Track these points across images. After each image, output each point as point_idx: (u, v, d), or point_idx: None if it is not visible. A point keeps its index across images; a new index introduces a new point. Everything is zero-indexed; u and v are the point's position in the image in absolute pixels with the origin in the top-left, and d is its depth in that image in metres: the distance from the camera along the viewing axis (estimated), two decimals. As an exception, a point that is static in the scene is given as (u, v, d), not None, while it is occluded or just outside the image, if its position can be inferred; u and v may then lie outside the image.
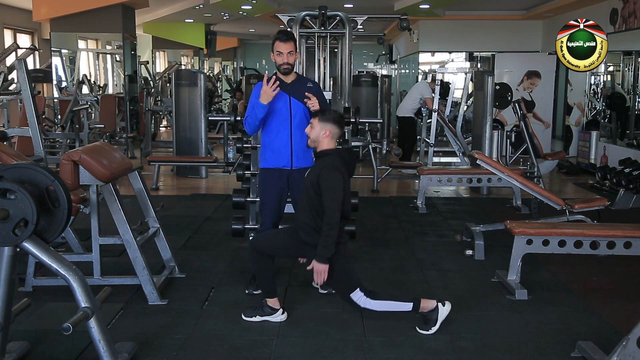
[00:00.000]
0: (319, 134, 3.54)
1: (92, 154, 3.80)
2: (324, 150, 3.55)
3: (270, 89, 3.79)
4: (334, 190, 3.38)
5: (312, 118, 3.61)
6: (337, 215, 3.37)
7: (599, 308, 3.90)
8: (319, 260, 3.38)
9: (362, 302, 3.49)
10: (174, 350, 3.25)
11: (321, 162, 3.52)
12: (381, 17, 12.55)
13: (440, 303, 3.50)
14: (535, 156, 7.65)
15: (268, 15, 13.22)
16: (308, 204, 3.50)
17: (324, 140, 3.55)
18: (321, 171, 3.44)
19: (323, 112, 3.62)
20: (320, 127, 3.53)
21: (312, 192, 3.46)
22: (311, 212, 3.48)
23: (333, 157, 3.49)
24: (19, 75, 5.03)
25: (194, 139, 8.61)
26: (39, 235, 2.70)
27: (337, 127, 3.57)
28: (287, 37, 3.90)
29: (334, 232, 3.36)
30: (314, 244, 3.44)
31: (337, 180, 3.41)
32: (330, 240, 3.36)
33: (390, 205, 7.03)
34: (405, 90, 13.02)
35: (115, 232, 3.94)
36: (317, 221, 3.46)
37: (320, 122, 3.54)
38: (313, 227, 3.48)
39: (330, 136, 3.54)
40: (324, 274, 3.40)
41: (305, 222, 3.51)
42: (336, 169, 3.43)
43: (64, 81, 11.42)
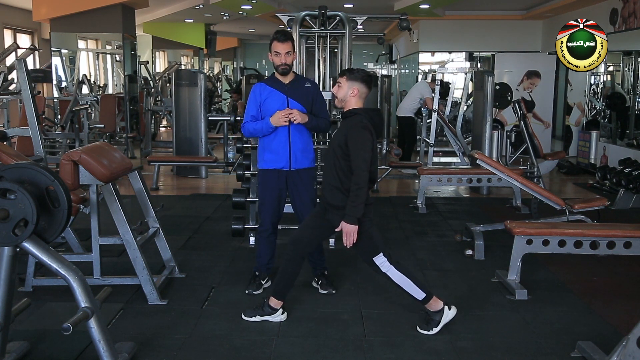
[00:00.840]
0: (347, 92, 3.46)
1: (92, 154, 3.80)
2: (352, 109, 3.47)
3: (284, 117, 3.83)
4: (363, 149, 3.31)
5: (340, 77, 3.53)
6: (365, 175, 3.31)
7: (599, 308, 3.90)
8: (348, 221, 3.33)
9: (384, 267, 3.45)
10: (174, 350, 3.25)
11: (349, 121, 3.44)
12: (381, 17, 12.55)
13: (447, 307, 3.49)
14: (535, 156, 7.65)
15: (268, 15, 13.22)
16: (334, 164, 3.42)
17: (352, 100, 3.47)
18: (349, 130, 3.37)
19: (350, 70, 3.53)
20: (348, 86, 3.45)
21: (340, 152, 3.38)
22: (336, 173, 3.41)
23: (361, 117, 3.41)
24: (19, 75, 5.03)
25: (194, 139, 8.61)
26: (39, 235, 2.70)
27: (365, 86, 3.48)
28: (284, 37, 3.89)
29: (362, 191, 3.30)
30: (339, 205, 3.39)
31: (366, 139, 3.33)
32: (359, 200, 3.30)
33: (390, 205, 7.03)
34: (405, 90, 13.01)
35: (115, 232, 3.94)
36: (343, 182, 3.39)
37: (348, 80, 3.46)
38: (338, 187, 3.41)
39: (358, 95, 3.46)
40: (353, 235, 3.35)
41: (330, 183, 3.44)
42: (364, 127, 3.35)
43: (64, 81, 11.42)
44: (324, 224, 3.54)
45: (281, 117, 3.85)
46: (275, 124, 3.88)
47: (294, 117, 3.86)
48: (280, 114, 3.85)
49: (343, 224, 3.35)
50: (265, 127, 3.93)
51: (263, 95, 3.98)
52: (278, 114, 3.86)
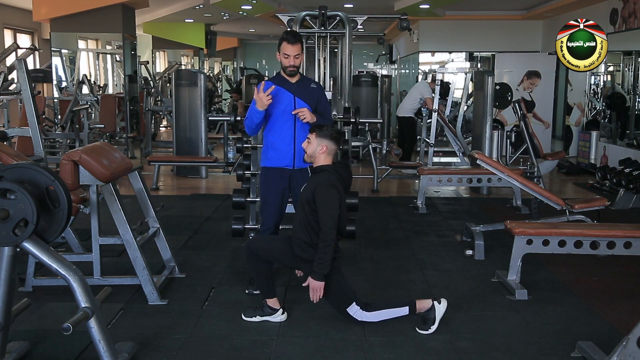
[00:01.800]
0: (316, 149, 3.55)
1: (92, 154, 3.80)
2: (320, 166, 3.57)
3: (265, 97, 3.79)
4: (331, 207, 3.40)
5: (310, 133, 3.60)
6: (333, 232, 3.38)
7: (599, 308, 3.90)
8: (315, 278, 3.39)
9: (358, 316, 3.50)
10: (174, 350, 3.25)
11: (317, 178, 3.53)
12: (381, 17, 12.55)
13: (436, 301, 3.50)
14: (535, 156, 7.65)
15: (268, 15, 13.22)
16: (304, 220, 3.50)
17: (321, 156, 3.56)
18: (317, 187, 3.45)
19: (320, 127, 3.60)
20: (317, 143, 3.55)
21: (308, 207, 3.46)
22: (306, 228, 3.48)
23: (329, 174, 3.50)
24: (19, 75, 5.03)
25: (194, 139, 8.61)
26: (39, 235, 2.70)
27: (334, 144, 3.58)
28: (295, 40, 3.89)
29: (330, 249, 3.37)
30: (309, 259, 3.45)
31: (333, 196, 3.42)
32: (326, 257, 3.36)
33: (390, 205, 7.03)
34: (405, 90, 13.01)
35: (115, 232, 3.94)
36: (312, 237, 3.46)
37: (317, 137, 3.55)
38: (308, 243, 3.48)
39: (327, 152, 3.56)
40: (320, 291, 3.41)
41: (300, 238, 3.52)
42: (332, 185, 3.44)
43: (64, 81, 11.42)
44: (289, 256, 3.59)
45: (262, 97, 3.77)
46: (260, 108, 3.82)
47: (304, 115, 3.86)
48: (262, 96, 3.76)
49: (310, 280, 3.41)
50: (254, 114, 3.86)
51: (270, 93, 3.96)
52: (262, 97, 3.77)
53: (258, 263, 3.60)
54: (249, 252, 3.61)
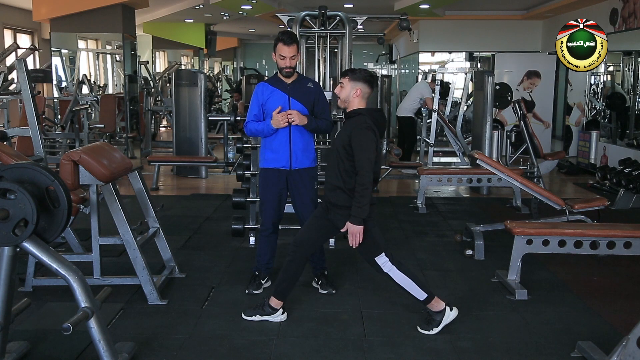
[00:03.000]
0: (350, 93, 3.45)
1: (92, 154, 3.80)
2: (355, 109, 3.46)
3: (283, 119, 3.84)
4: (367, 150, 3.31)
5: (342, 77, 3.51)
6: (370, 175, 3.31)
7: (599, 308, 3.90)
8: (354, 222, 3.32)
9: (386, 267, 3.45)
10: (174, 350, 3.25)
11: (352, 121, 3.42)
12: (381, 17, 12.54)
13: (449, 307, 3.49)
14: (535, 156, 7.65)
15: (268, 15, 13.22)
16: (337, 165, 3.41)
17: (355, 100, 3.46)
18: (353, 130, 3.35)
19: (353, 70, 3.51)
20: (351, 87, 3.44)
21: (343, 152, 3.37)
22: (340, 173, 3.40)
23: (365, 117, 3.40)
24: (19, 75, 5.03)
25: (194, 139, 8.61)
26: (39, 235, 2.70)
27: (368, 86, 3.47)
28: (291, 41, 3.88)
29: (368, 192, 3.29)
30: (343, 205, 3.38)
31: (370, 139, 3.33)
32: (364, 201, 3.29)
33: (390, 205, 7.03)
34: (405, 90, 13.02)
35: (115, 232, 3.94)
36: (346, 182, 3.38)
37: (351, 81, 3.45)
38: (341, 187, 3.40)
39: (360, 95, 3.45)
40: (360, 236, 3.35)
41: (333, 183, 3.44)
42: (368, 127, 3.34)
43: (64, 81, 11.42)
44: (326, 225, 3.53)
45: (280, 119, 3.85)
46: (276, 126, 3.89)
47: (293, 118, 3.87)
48: (279, 117, 3.85)
49: (349, 224, 3.35)
50: (266, 128, 3.95)
51: (265, 95, 3.98)
52: (277, 116, 3.86)
53: (300, 267, 3.55)
54: (301, 255, 3.53)
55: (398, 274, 3.46)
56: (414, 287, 3.47)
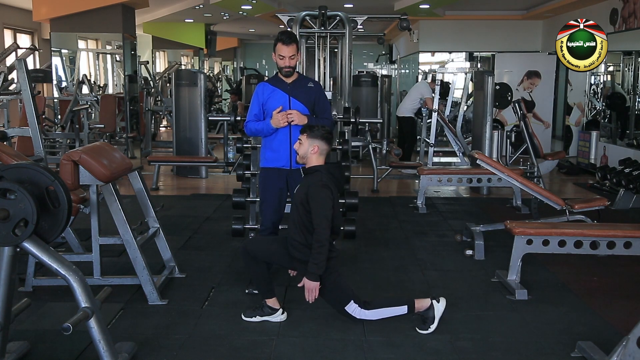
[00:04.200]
0: (308, 150, 3.55)
1: (92, 154, 3.80)
2: (313, 166, 3.57)
3: (283, 119, 3.85)
4: (323, 207, 3.40)
5: (301, 134, 3.60)
6: (327, 232, 3.38)
7: (599, 308, 3.90)
8: (310, 278, 3.39)
9: (357, 314, 3.50)
10: (174, 350, 3.25)
11: (309, 178, 3.53)
12: (381, 17, 12.55)
13: (435, 300, 3.51)
14: (535, 156, 7.65)
15: (268, 15, 13.22)
16: (298, 220, 3.50)
17: (312, 157, 3.56)
18: (309, 188, 3.45)
19: (311, 128, 3.60)
20: (308, 144, 3.55)
21: (302, 208, 3.47)
22: (301, 229, 3.49)
23: (321, 174, 3.51)
24: (19, 75, 5.03)
25: (194, 139, 8.61)
26: (39, 235, 2.70)
27: (326, 143, 3.58)
28: (290, 40, 3.88)
29: (324, 249, 3.37)
30: (304, 260, 3.45)
31: (326, 197, 3.42)
32: (320, 258, 3.37)
33: (390, 205, 7.03)
34: (405, 90, 13.01)
35: (115, 232, 3.94)
36: (307, 238, 3.47)
37: (308, 138, 3.55)
38: (303, 243, 3.49)
39: (318, 152, 3.56)
40: (315, 292, 3.42)
41: (295, 238, 3.52)
42: (324, 185, 3.44)
43: (64, 81, 11.42)
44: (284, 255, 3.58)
45: (281, 118, 3.86)
46: (276, 126, 3.89)
47: (292, 118, 3.88)
48: (279, 116, 3.86)
49: (305, 280, 3.41)
50: (266, 128, 3.96)
51: (265, 95, 3.99)
52: (277, 116, 3.87)
53: (255, 264, 3.60)
54: (246, 254, 3.60)
55: (370, 314, 3.51)
56: (392, 311, 3.52)
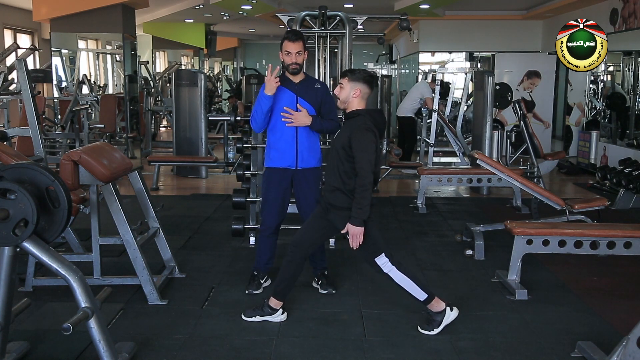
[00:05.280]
0: (349, 93, 3.44)
1: (92, 154, 3.80)
2: (355, 110, 3.45)
3: (273, 79, 3.77)
4: (367, 151, 3.30)
5: (341, 78, 3.50)
6: (370, 176, 3.30)
7: (599, 308, 3.90)
8: (355, 223, 3.32)
9: (386, 268, 3.45)
10: (174, 350, 3.25)
11: (352, 122, 3.41)
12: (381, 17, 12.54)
13: (449, 307, 3.49)
14: (535, 156, 7.65)
15: (268, 15, 13.21)
16: (337, 166, 3.40)
17: (354, 101, 3.45)
18: (352, 132, 3.34)
19: (352, 71, 3.50)
20: (350, 87, 3.43)
21: (343, 153, 3.36)
22: (339, 174, 3.39)
23: (364, 117, 3.39)
24: (19, 75, 5.03)
25: (194, 139, 8.61)
26: (39, 235, 2.70)
27: (367, 87, 3.46)
28: (296, 37, 3.89)
29: (368, 193, 3.28)
30: (343, 206, 3.38)
31: (369, 140, 3.32)
32: (365, 202, 3.28)
33: (390, 205, 7.03)
34: (405, 90, 13.01)
35: (115, 232, 3.94)
36: (345, 183, 3.37)
37: (350, 81, 3.44)
38: (341, 189, 3.39)
39: (360, 96, 3.45)
40: (360, 237, 3.34)
41: (332, 184, 3.43)
42: (368, 129, 3.34)
43: (64, 81, 11.41)
44: (325, 225, 3.53)
45: (270, 79, 3.75)
46: (270, 93, 3.80)
47: (298, 120, 3.86)
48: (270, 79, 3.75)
49: (349, 226, 3.34)
50: (262, 100, 3.84)
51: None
52: (270, 80, 3.76)
53: (299, 267, 3.55)
54: (300, 255, 3.53)
55: (398, 274, 3.46)
56: (414, 288, 3.46)
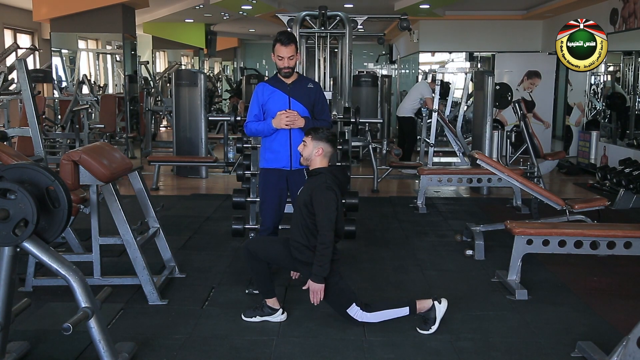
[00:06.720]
0: (312, 152, 3.55)
1: (92, 154, 3.80)
2: (317, 169, 3.57)
3: (285, 119, 3.84)
4: (327, 209, 3.39)
5: (305, 136, 3.60)
6: (331, 234, 3.38)
7: (599, 308, 3.90)
8: (315, 280, 3.39)
9: (359, 317, 3.50)
10: (174, 350, 3.25)
11: (313, 180, 3.53)
12: (381, 17, 12.56)
13: (437, 301, 3.51)
14: (535, 156, 7.65)
15: (268, 15, 13.22)
16: (301, 222, 3.50)
17: (317, 159, 3.56)
18: (313, 190, 3.45)
19: (316, 130, 3.60)
20: (313, 146, 3.55)
21: (305, 210, 3.47)
22: (304, 231, 3.49)
23: (325, 176, 3.50)
24: (19, 75, 5.03)
25: (194, 139, 8.61)
26: (39, 235, 2.70)
27: (330, 146, 3.58)
28: (288, 41, 3.88)
29: (328, 251, 3.37)
30: (307, 262, 3.46)
31: (330, 199, 3.41)
32: (325, 260, 3.37)
33: (390, 205, 7.03)
34: (405, 90, 13.01)
35: (115, 232, 3.94)
36: (309, 240, 3.47)
37: (313, 140, 3.55)
38: (306, 245, 3.49)
39: (322, 155, 3.56)
40: (320, 294, 3.42)
41: (297, 240, 3.52)
42: (329, 188, 3.44)
43: (64, 81, 11.42)
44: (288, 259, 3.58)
45: (283, 119, 3.86)
46: (277, 126, 3.89)
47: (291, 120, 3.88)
48: (282, 116, 3.86)
49: (310, 282, 3.41)
50: (266, 128, 3.95)
51: (265, 95, 3.99)
52: (280, 115, 3.87)
53: (257, 263, 3.60)
54: (248, 253, 3.60)
55: (372, 316, 3.51)
56: (394, 313, 3.52)
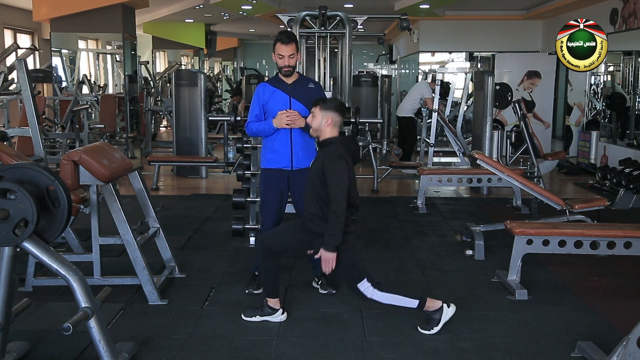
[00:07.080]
0: (321, 122, 3.50)
1: (92, 154, 3.80)
2: (327, 139, 3.52)
3: (286, 119, 3.84)
4: (339, 179, 3.35)
5: (313, 107, 3.57)
6: (343, 204, 3.34)
7: (599, 308, 3.90)
8: (326, 249, 3.36)
9: (369, 293, 3.46)
10: (174, 350, 3.25)
11: (324, 150, 3.48)
12: (381, 17, 12.56)
13: (446, 304, 3.49)
14: (535, 156, 7.65)
15: (268, 15, 13.22)
16: (314, 193, 3.46)
17: (326, 129, 3.51)
18: (325, 160, 3.41)
19: (324, 100, 3.57)
20: (321, 116, 3.50)
21: (318, 181, 3.42)
22: (317, 202, 3.44)
23: (336, 145, 3.46)
24: (19, 75, 5.03)
25: (194, 139, 8.61)
26: (39, 235, 2.70)
27: (339, 115, 3.53)
28: (288, 39, 3.88)
29: (340, 220, 3.33)
30: (321, 233, 3.41)
31: (342, 168, 3.37)
32: (337, 229, 3.33)
33: (390, 205, 7.03)
34: (405, 90, 13.02)
35: (115, 232, 3.94)
36: (323, 210, 3.42)
37: (321, 110, 3.51)
38: (320, 216, 3.44)
39: (332, 124, 3.51)
40: (332, 263, 3.37)
41: (312, 212, 3.48)
42: (340, 157, 3.40)
43: (64, 81, 11.42)
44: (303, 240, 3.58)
45: (283, 119, 3.86)
46: (277, 126, 3.89)
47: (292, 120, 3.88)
48: (282, 116, 3.86)
49: (321, 251, 3.39)
50: (267, 128, 3.95)
51: (266, 96, 3.99)
52: (280, 115, 3.87)
53: (270, 260, 3.58)
54: (263, 248, 3.57)
55: (382, 295, 3.48)
56: (403, 300, 3.49)
